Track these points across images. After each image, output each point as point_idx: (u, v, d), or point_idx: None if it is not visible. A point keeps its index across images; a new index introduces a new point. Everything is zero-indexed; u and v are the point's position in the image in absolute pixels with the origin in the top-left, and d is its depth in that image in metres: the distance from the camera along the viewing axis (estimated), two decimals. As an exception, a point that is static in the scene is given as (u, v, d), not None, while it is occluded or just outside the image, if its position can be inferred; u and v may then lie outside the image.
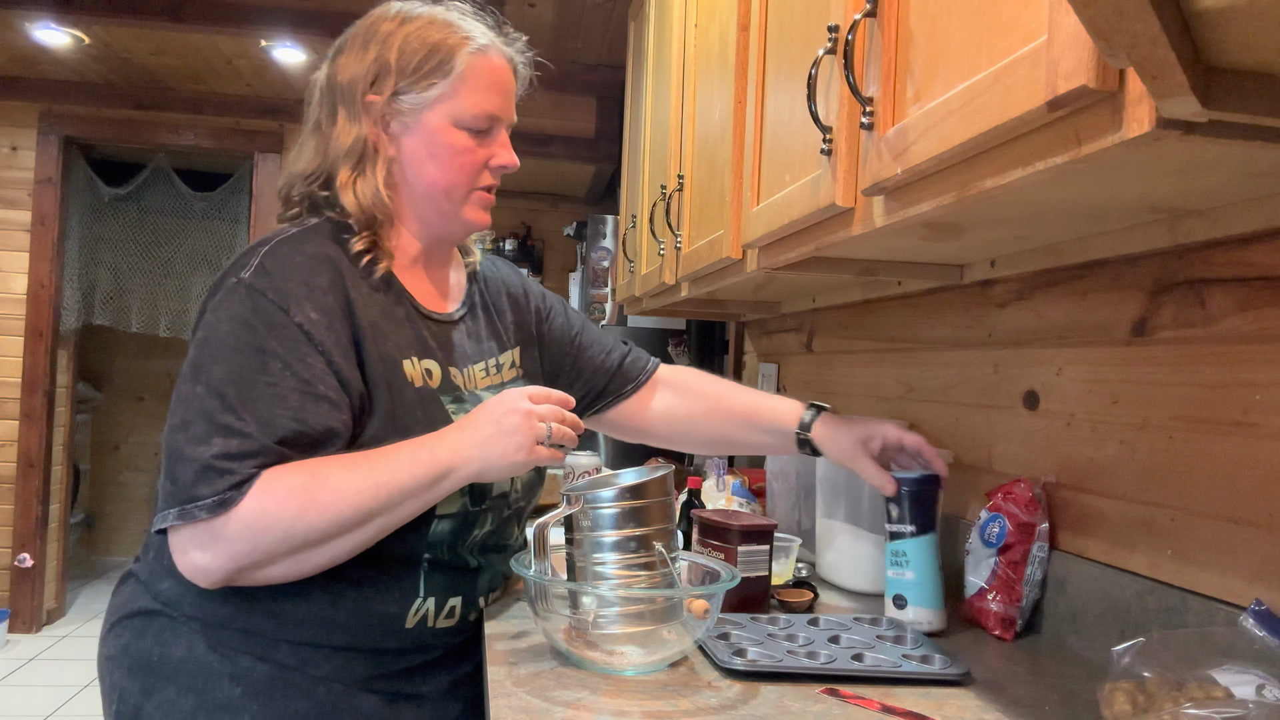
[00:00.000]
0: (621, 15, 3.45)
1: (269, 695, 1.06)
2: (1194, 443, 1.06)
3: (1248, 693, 0.73)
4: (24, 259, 4.68)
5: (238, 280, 1.04)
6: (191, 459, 0.97)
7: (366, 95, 1.13)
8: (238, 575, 1.00)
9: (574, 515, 1.09)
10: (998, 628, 1.24)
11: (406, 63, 1.12)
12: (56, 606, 4.93)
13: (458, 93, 1.13)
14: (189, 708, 1.06)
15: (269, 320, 1.02)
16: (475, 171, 1.17)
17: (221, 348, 1.01)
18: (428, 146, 1.14)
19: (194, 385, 1.00)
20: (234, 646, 1.07)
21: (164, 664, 1.07)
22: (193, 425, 0.98)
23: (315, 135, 1.17)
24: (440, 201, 1.16)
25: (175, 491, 0.97)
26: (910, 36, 0.95)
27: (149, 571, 1.13)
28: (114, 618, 1.14)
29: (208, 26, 3.71)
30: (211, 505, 0.96)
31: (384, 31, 1.15)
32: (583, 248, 3.78)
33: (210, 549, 0.97)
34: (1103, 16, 0.52)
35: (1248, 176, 0.85)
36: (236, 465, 0.97)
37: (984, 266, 1.47)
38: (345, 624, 1.08)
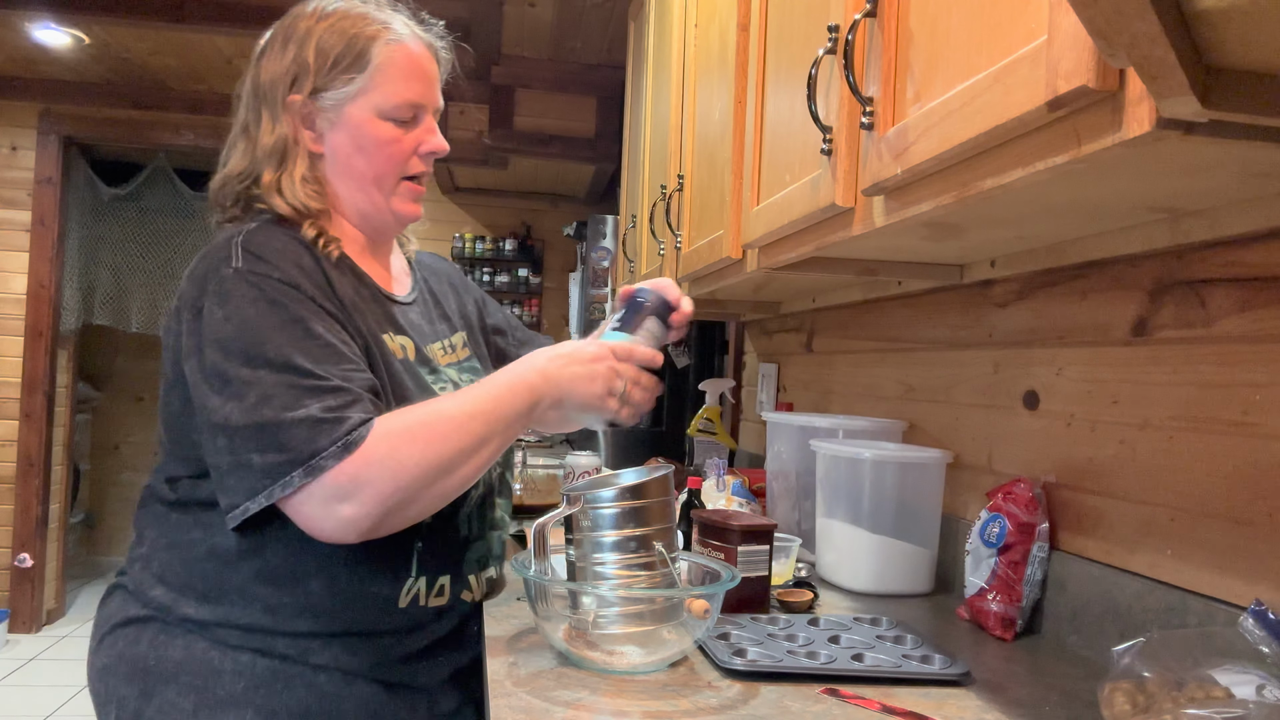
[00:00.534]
0: (621, 15, 3.45)
1: (270, 688, 1.07)
2: (1194, 443, 1.06)
3: (1248, 693, 0.73)
4: (24, 259, 4.68)
5: (234, 270, 1.04)
6: (294, 422, 0.97)
7: (288, 95, 1.14)
8: (385, 519, 1.00)
9: (574, 515, 1.09)
10: (998, 628, 1.24)
11: (324, 59, 1.13)
12: (56, 606, 4.93)
13: (377, 85, 1.14)
14: (190, 707, 1.06)
15: (288, 295, 1.04)
16: (403, 160, 1.18)
17: (262, 326, 1.01)
18: (354, 140, 1.15)
19: (252, 369, 1.00)
20: (232, 643, 1.08)
21: (162, 666, 1.08)
22: (275, 398, 0.98)
23: (243, 137, 1.18)
24: (372, 193, 1.18)
25: (290, 457, 0.97)
26: (910, 36, 0.95)
27: (137, 582, 1.13)
28: (104, 629, 1.14)
29: (208, 26, 3.71)
30: (337, 451, 0.97)
31: (301, 30, 1.16)
32: (583, 248, 3.78)
33: (355, 497, 0.97)
34: (1103, 16, 0.52)
35: (1248, 176, 0.85)
36: (344, 413, 0.98)
37: (984, 266, 1.47)
38: (342, 609, 1.09)
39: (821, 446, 1.58)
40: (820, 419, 1.75)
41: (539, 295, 5.49)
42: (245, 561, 1.07)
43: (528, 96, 4.19)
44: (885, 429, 1.71)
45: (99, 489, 6.21)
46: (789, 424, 1.83)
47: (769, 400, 2.64)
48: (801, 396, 2.40)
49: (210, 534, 1.08)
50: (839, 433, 1.67)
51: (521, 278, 5.43)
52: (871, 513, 1.48)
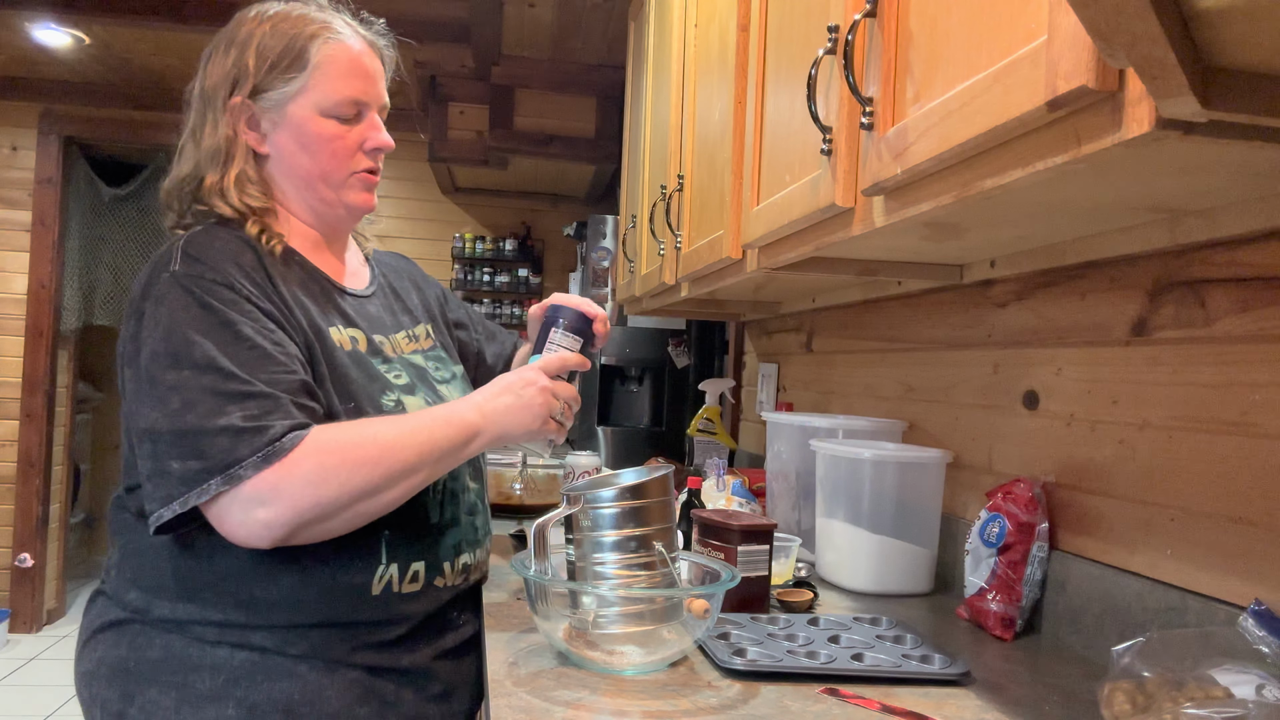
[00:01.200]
0: (621, 15, 3.45)
1: (250, 680, 1.07)
2: (1194, 443, 1.06)
3: (1247, 693, 0.73)
4: (24, 259, 4.68)
5: (170, 275, 1.05)
6: (215, 430, 0.98)
7: (229, 98, 1.16)
8: (299, 530, 1.01)
9: (574, 515, 1.09)
10: (997, 628, 1.24)
11: (264, 60, 1.15)
12: (57, 606, 4.93)
13: (317, 83, 1.16)
14: (172, 704, 1.07)
15: (221, 297, 1.04)
16: (349, 156, 1.19)
17: (190, 330, 1.02)
18: (297, 138, 1.16)
19: (177, 372, 1.01)
20: (209, 639, 1.08)
21: (141, 667, 1.08)
22: (198, 404, 0.99)
23: (190, 141, 1.19)
24: (320, 189, 1.19)
25: (207, 465, 0.98)
26: (910, 36, 0.95)
27: (114, 586, 1.14)
28: (86, 634, 1.15)
29: (208, 26, 3.70)
30: (257, 462, 0.98)
31: (243, 34, 1.18)
32: (583, 248, 3.77)
33: (274, 504, 0.99)
34: (1102, 16, 0.52)
35: (1247, 176, 0.85)
36: (266, 422, 0.99)
37: (984, 266, 1.47)
38: (315, 601, 1.09)
39: (821, 446, 1.58)
40: (820, 419, 1.75)
41: (539, 295, 5.49)
42: (216, 559, 1.07)
43: (528, 96, 4.19)
44: (885, 429, 1.71)
45: (99, 489, 6.20)
46: (789, 424, 1.83)
47: (769, 400, 2.64)
48: (801, 396, 2.40)
49: (178, 535, 1.08)
50: (839, 433, 1.67)
51: (521, 278, 5.43)
52: (871, 513, 1.48)
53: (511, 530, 1.76)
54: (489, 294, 5.44)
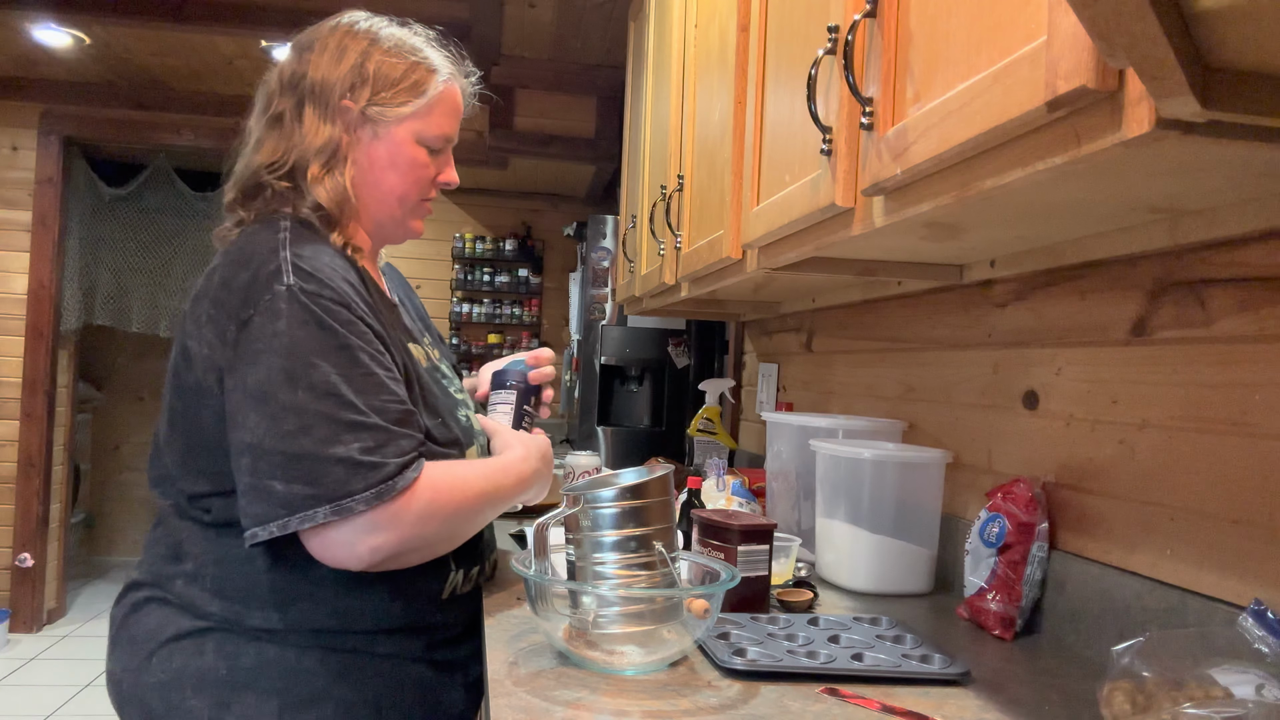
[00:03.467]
0: (621, 15, 3.45)
1: (345, 680, 1.12)
2: (1194, 443, 1.06)
3: (1247, 692, 0.74)
4: (24, 259, 4.68)
5: (285, 288, 1.05)
6: (331, 459, 1.01)
7: (343, 100, 1.19)
8: (393, 560, 1.07)
9: (574, 515, 1.09)
10: (997, 627, 1.24)
11: (384, 79, 1.20)
12: (57, 606, 4.93)
13: (426, 114, 1.23)
14: (274, 709, 1.09)
15: (339, 318, 1.06)
16: (426, 184, 1.27)
17: (310, 352, 1.03)
18: (391, 156, 1.22)
19: (293, 393, 1.02)
20: (302, 644, 1.11)
21: (236, 675, 1.09)
22: (314, 429, 1.01)
23: (275, 128, 1.21)
24: (394, 207, 1.25)
25: (317, 493, 1.00)
26: (910, 37, 0.95)
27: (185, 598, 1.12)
28: (151, 644, 1.12)
29: (208, 26, 3.71)
30: (369, 498, 1.01)
31: (359, 45, 1.21)
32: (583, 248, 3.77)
33: (385, 532, 1.03)
34: (1102, 17, 0.52)
35: (1247, 177, 0.85)
36: (380, 457, 1.03)
37: (984, 266, 1.47)
38: (400, 607, 1.16)
39: (821, 446, 1.58)
40: (820, 419, 1.75)
41: (539, 295, 5.49)
42: (311, 571, 1.09)
43: (528, 96, 4.19)
44: (885, 429, 1.71)
45: (100, 489, 6.21)
46: (789, 424, 1.83)
47: (769, 400, 2.64)
48: (801, 396, 2.40)
49: (268, 547, 1.07)
50: (839, 433, 1.67)
51: (521, 278, 5.43)
52: (871, 513, 1.48)
53: (511, 530, 1.76)
54: (489, 294, 5.44)
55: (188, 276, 5.34)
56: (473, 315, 5.41)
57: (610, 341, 3.10)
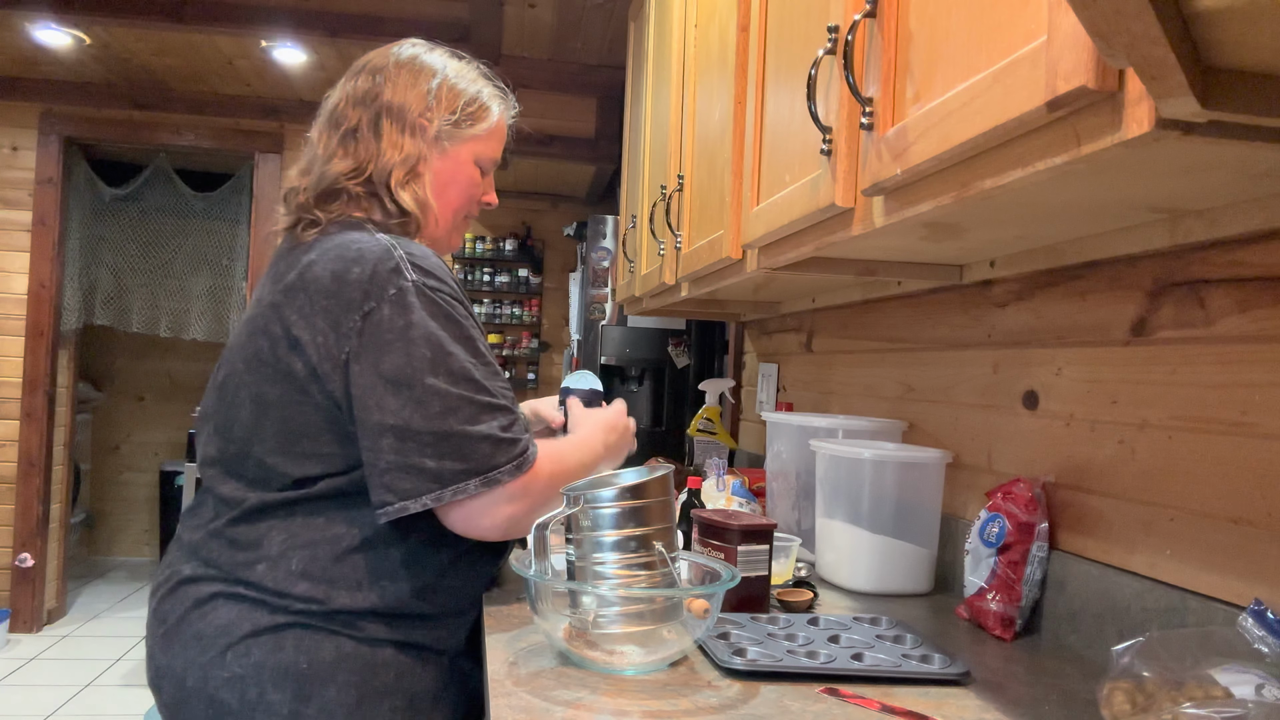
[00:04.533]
0: (621, 15, 3.45)
1: (413, 675, 1.18)
2: (1193, 443, 1.06)
3: (1247, 692, 0.73)
4: (24, 259, 4.68)
5: (410, 282, 1.14)
6: (477, 436, 1.11)
7: (420, 119, 1.30)
8: (525, 523, 1.14)
9: (574, 515, 1.09)
10: (997, 627, 1.24)
11: (455, 102, 1.32)
12: (57, 606, 4.93)
13: (487, 138, 1.36)
14: (352, 701, 1.13)
15: (459, 312, 1.17)
16: (475, 201, 1.39)
17: (445, 340, 1.13)
18: (453, 172, 1.33)
19: (435, 378, 1.11)
20: (379, 638, 1.15)
21: (316, 669, 1.13)
22: (459, 410, 1.11)
23: (351, 140, 1.29)
24: (447, 218, 1.35)
25: (469, 467, 1.10)
26: (910, 37, 0.95)
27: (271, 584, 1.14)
28: (228, 639, 1.13)
29: (208, 26, 3.71)
30: (512, 469, 1.12)
31: (431, 72, 1.33)
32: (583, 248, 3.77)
33: (520, 501, 1.14)
34: (1102, 17, 0.52)
35: (1247, 177, 0.85)
36: (516, 434, 1.14)
37: (984, 266, 1.47)
38: (465, 587, 1.24)
39: (821, 446, 1.58)
40: (820, 419, 1.75)
41: (539, 295, 5.49)
42: (395, 548, 1.16)
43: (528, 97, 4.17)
44: (885, 429, 1.71)
45: (100, 489, 6.21)
46: (789, 424, 1.83)
47: (769, 400, 2.64)
48: (801, 396, 2.40)
49: (356, 527, 1.16)
50: (839, 433, 1.67)
51: (521, 278, 5.43)
52: (871, 513, 1.48)
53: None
54: (489, 294, 5.45)
55: (188, 276, 5.34)
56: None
57: (610, 341, 3.10)
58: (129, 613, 5.08)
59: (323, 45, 3.83)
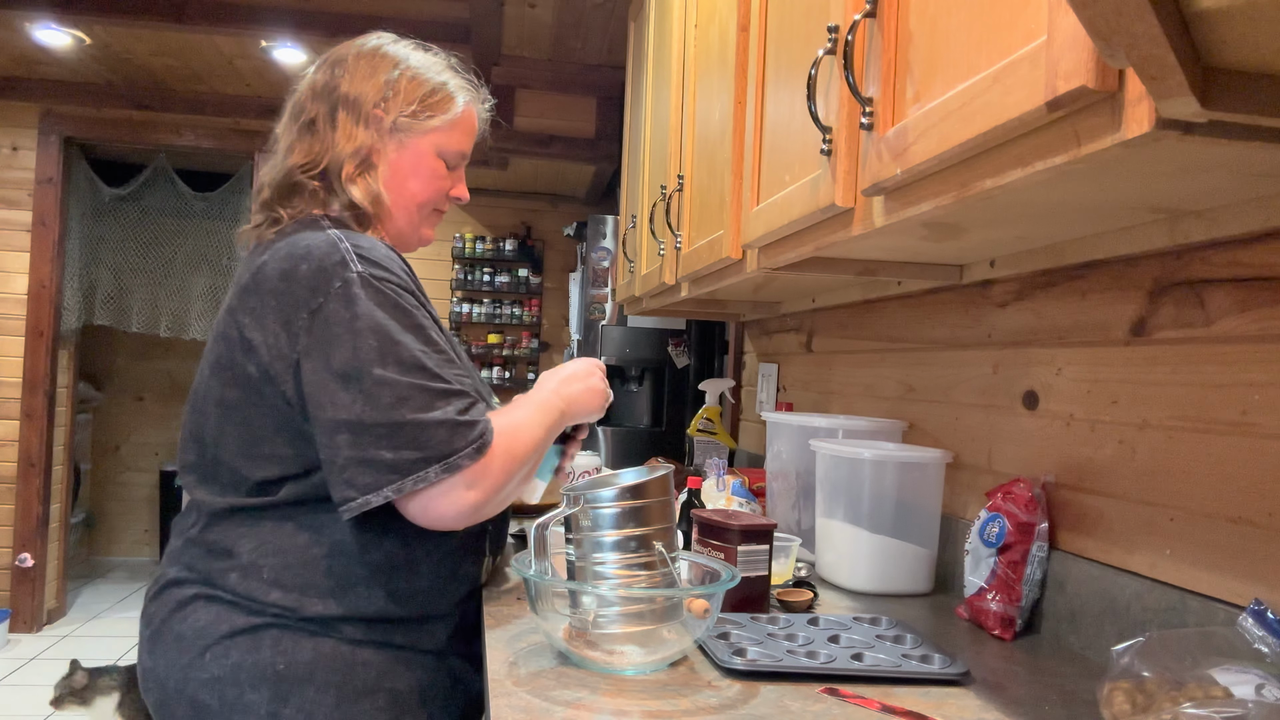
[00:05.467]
0: (621, 15, 3.45)
1: (394, 674, 1.17)
2: (1193, 443, 1.06)
3: (1247, 692, 0.74)
4: (24, 259, 4.68)
5: (355, 274, 1.12)
6: (434, 423, 1.07)
7: (375, 109, 1.27)
8: (489, 508, 1.12)
9: (574, 515, 1.09)
10: (997, 627, 1.25)
11: (414, 93, 1.29)
12: (57, 606, 4.94)
13: (449, 129, 1.32)
14: (331, 702, 1.13)
15: (409, 302, 1.14)
16: (441, 195, 1.35)
17: (393, 330, 1.11)
18: (413, 164, 1.30)
19: (384, 368, 1.08)
20: (355, 639, 1.15)
21: (294, 669, 1.12)
22: (410, 399, 1.07)
23: (308, 132, 1.28)
24: (412, 212, 1.33)
25: (426, 455, 1.07)
26: (910, 37, 0.95)
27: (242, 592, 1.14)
28: (206, 640, 1.14)
29: (208, 27, 3.71)
30: (472, 452, 1.09)
31: (391, 62, 1.30)
32: (583, 248, 3.78)
33: (478, 486, 1.10)
34: (1102, 17, 0.52)
35: (1247, 177, 0.85)
36: (474, 416, 1.10)
37: (984, 266, 1.47)
38: (444, 591, 1.21)
39: (821, 446, 1.58)
40: (820, 419, 1.75)
41: (539, 295, 5.49)
42: (367, 554, 1.15)
43: (528, 96, 4.19)
44: (885, 429, 1.71)
45: (100, 489, 6.21)
46: (789, 424, 1.83)
47: (769, 400, 2.64)
48: (801, 396, 2.40)
49: (325, 533, 1.14)
50: (839, 433, 1.67)
51: (521, 278, 5.43)
52: (871, 513, 1.48)
53: (512, 530, 1.76)
54: (489, 294, 5.44)
55: (188, 276, 5.34)
56: (473, 315, 5.41)
57: (610, 341, 3.10)
58: (129, 613, 5.08)
59: (323, 45, 3.81)
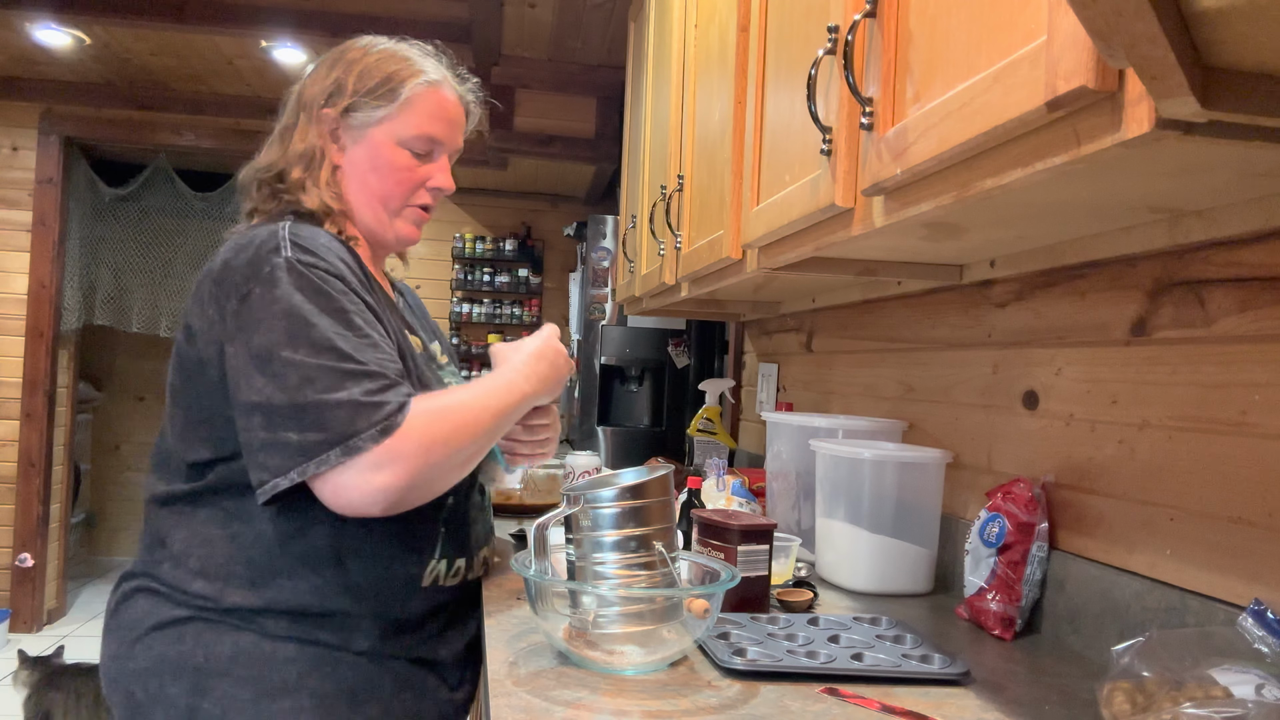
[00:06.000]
0: (621, 15, 3.45)
1: (320, 671, 1.14)
2: (1193, 443, 1.06)
3: (1247, 692, 0.74)
4: (25, 259, 4.69)
5: (284, 259, 1.11)
6: (335, 404, 1.04)
7: (322, 108, 1.27)
8: (409, 494, 1.07)
9: (574, 515, 1.09)
10: (997, 627, 1.25)
11: (361, 85, 1.26)
12: (57, 606, 4.94)
13: (402, 115, 1.27)
14: (249, 696, 1.11)
15: (334, 286, 1.12)
16: (411, 187, 1.29)
17: (307, 313, 1.08)
18: (370, 159, 1.27)
19: (294, 351, 1.06)
20: (279, 634, 1.13)
21: (213, 662, 1.12)
22: (316, 380, 1.05)
23: (279, 138, 1.30)
24: (377, 209, 1.29)
25: (328, 437, 1.04)
26: (910, 37, 0.95)
27: (170, 582, 1.16)
28: (136, 632, 1.16)
29: (208, 27, 3.71)
30: (375, 434, 1.04)
31: (350, 58, 1.29)
32: (583, 248, 3.78)
33: (390, 469, 1.05)
34: (1102, 17, 0.52)
35: (1247, 177, 0.85)
36: (383, 396, 1.06)
37: (984, 266, 1.47)
38: (374, 589, 1.17)
39: (821, 446, 1.58)
40: (820, 419, 1.75)
41: (539, 295, 5.50)
42: (291, 544, 1.14)
43: (528, 97, 4.19)
44: (885, 429, 1.71)
45: (100, 489, 6.21)
46: (789, 424, 1.83)
47: (769, 400, 2.64)
48: (801, 396, 2.40)
49: (251, 523, 1.14)
50: (839, 433, 1.67)
51: (521, 278, 5.43)
52: (871, 513, 1.48)
53: (511, 530, 1.76)
54: (489, 294, 5.45)
55: (188, 276, 5.34)
56: (473, 315, 5.41)
57: (610, 341, 3.10)
58: (129, 613, 5.07)
59: (323, 45, 3.83)
